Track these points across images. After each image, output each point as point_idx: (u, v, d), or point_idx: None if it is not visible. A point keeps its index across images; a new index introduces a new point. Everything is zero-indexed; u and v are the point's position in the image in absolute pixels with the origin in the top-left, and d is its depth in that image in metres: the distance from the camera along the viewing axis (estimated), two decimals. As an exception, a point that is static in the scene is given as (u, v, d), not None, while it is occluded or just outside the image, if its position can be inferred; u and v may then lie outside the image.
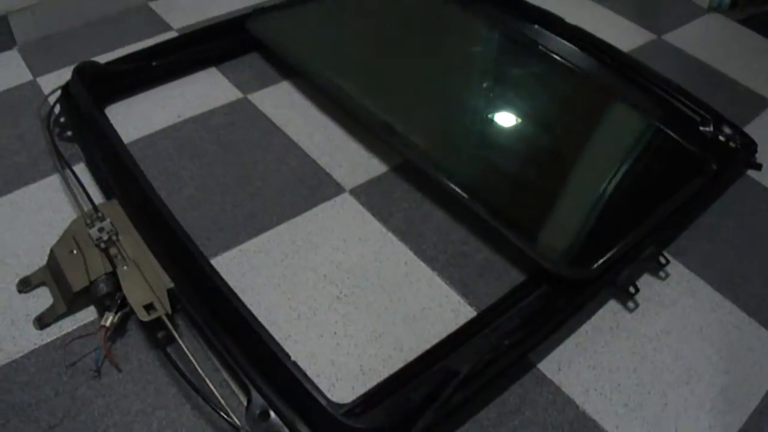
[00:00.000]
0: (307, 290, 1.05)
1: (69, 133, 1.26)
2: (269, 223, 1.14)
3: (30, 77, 1.41)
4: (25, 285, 1.03)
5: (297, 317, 1.02)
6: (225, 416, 0.84)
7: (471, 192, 1.13)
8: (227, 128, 1.31)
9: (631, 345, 1.03)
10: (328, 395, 0.90)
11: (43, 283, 1.03)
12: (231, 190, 1.20)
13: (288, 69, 1.44)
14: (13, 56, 1.46)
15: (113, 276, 0.98)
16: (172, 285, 0.98)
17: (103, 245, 1.01)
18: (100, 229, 1.03)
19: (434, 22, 1.56)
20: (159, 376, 0.93)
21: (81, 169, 1.19)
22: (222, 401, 0.86)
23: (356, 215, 1.17)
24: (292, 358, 0.93)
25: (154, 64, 1.38)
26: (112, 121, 1.29)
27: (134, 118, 1.32)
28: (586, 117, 1.38)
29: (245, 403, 0.87)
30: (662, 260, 1.12)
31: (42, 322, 0.98)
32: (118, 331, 0.97)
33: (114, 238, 1.03)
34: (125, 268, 0.99)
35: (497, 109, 1.36)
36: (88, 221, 1.05)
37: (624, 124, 1.39)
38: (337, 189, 1.22)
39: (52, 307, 1.00)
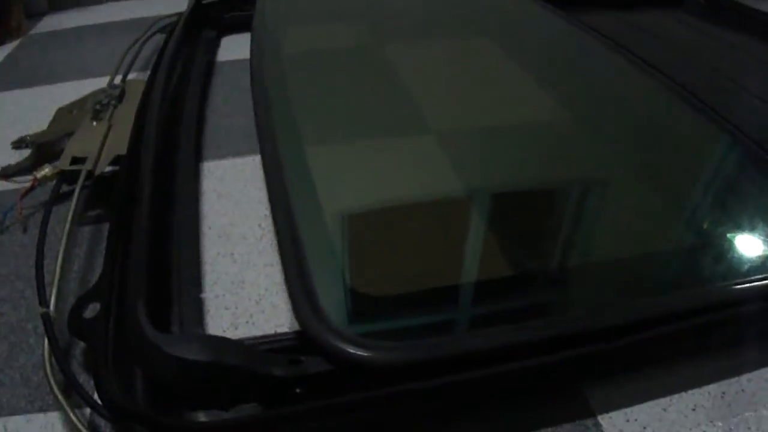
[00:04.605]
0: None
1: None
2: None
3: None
4: (20, 142, 0.89)
5: (258, 238, 0.68)
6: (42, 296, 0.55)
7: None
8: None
9: None
10: (220, 329, 0.55)
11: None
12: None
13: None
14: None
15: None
16: (124, 153, 0.73)
17: (98, 107, 0.84)
18: (108, 95, 0.87)
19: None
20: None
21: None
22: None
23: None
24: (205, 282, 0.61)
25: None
26: (225, 43, 1.21)
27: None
28: None
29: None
30: None
31: (4, 171, 0.82)
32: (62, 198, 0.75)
33: (113, 103, 0.84)
34: (94, 123, 0.79)
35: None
36: (107, 89, 0.90)
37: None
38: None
39: (21, 161, 0.83)
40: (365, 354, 0.43)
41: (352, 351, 0.43)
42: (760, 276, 0.54)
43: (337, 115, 0.85)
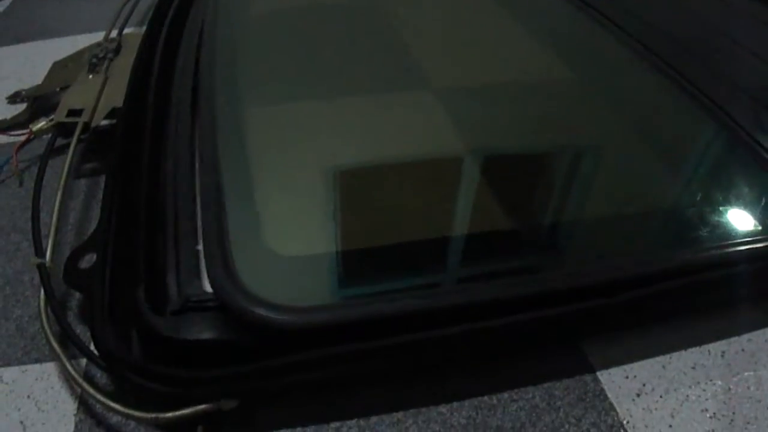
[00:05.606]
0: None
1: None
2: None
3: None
4: (16, 97, 0.88)
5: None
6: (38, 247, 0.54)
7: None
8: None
9: None
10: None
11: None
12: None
13: None
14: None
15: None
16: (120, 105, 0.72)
17: (95, 60, 0.82)
18: (104, 49, 0.85)
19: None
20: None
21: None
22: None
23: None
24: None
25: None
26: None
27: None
28: None
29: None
30: None
31: (0, 125, 0.80)
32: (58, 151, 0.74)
33: (109, 56, 0.83)
34: (90, 76, 0.77)
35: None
36: (103, 42, 0.88)
37: None
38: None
39: (17, 115, 0.82)
40: (275, 317, 0.42)
41: (261, 314, 0.42)
42: (760, 237, 0.53)
43: (269, 73, 0.84)
